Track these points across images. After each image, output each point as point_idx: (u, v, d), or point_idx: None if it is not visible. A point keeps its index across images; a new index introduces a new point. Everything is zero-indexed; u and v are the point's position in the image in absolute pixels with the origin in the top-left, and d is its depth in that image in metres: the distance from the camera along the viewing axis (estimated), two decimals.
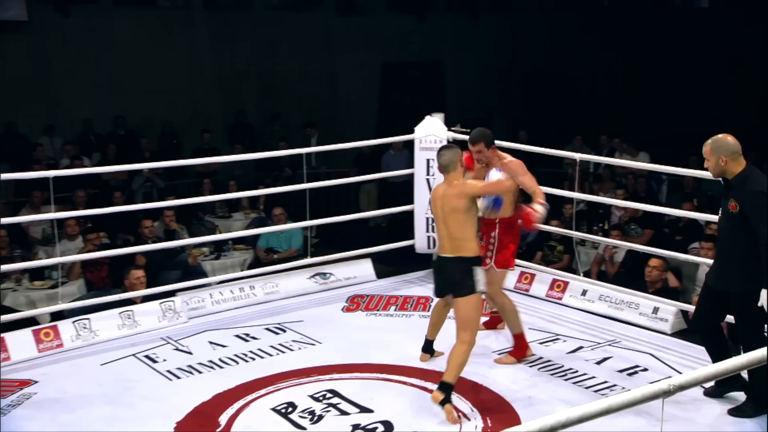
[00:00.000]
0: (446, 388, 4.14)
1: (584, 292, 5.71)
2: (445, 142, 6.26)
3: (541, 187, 6.02)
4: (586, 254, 7.94)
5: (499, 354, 4.93)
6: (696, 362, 4.72)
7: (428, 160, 6.27)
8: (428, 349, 4.89)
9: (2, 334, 5.01)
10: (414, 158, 6.41)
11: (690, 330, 4.96)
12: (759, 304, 3.89)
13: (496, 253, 4.82)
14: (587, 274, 7.50)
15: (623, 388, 4.46)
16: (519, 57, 15.74)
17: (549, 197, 6.62)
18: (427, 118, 6.43)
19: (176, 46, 12.84)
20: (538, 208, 4.66)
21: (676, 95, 16.32)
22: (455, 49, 15.50)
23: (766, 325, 4.04)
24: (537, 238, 7.96)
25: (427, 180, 6.30)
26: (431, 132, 6.29)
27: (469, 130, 6.65)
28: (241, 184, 9.34)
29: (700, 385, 4.21)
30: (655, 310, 5.35)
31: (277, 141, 11.05)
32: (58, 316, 5.68)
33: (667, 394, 2.21)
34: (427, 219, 6.33)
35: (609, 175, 10.07)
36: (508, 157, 5.01)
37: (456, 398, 4.36)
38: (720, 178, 4.04)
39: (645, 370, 4.71)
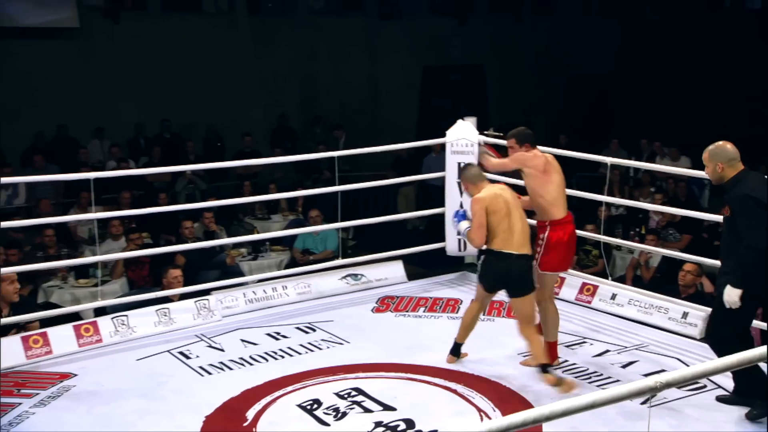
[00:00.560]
0: (544, 368, 4.53)
1: (613, 296, 5.71)
2: (476, 146, 6.33)
3: (578, 192, 6.10)
4: (622, 258, 7.91)
5: (524, 356, 4.96)
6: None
7: (459, 164, 6.30)
8: (456, 352, 4.95)
9: (45, 329, 5.24)
10: (445, 161, 6.46)
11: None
12: (724, 298, 3.97)
13: (542, 255, 4.78)
14: (622, 279, 7.49)
15: None
16: (562, 60, 15.67)
17: (583, 201, 6.69)
18: (459, 122, 6.48)
19: (221, 50, 13.12)
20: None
21: (724, 99, 16.05)
22: (497, 52, 15.50)
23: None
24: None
25: (458, 183, 6.33)
26: (463, 136, 6.35)
27: (502, 134, 6.72)
28: (280, 186, 9.51)
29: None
30: (685, 314, 5.33)
31: (317, 144, 11.20)
32: (101, 312, 5.91)
33: (653, 390, 2.25)
34: None
35: (649, 180, 9.99)
36: (550, 159, 4.93)
37: (479, 398, 4.43)
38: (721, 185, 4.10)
39: (700, 379, 4.68)
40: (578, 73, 15.85)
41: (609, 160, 6.19)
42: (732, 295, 3.95)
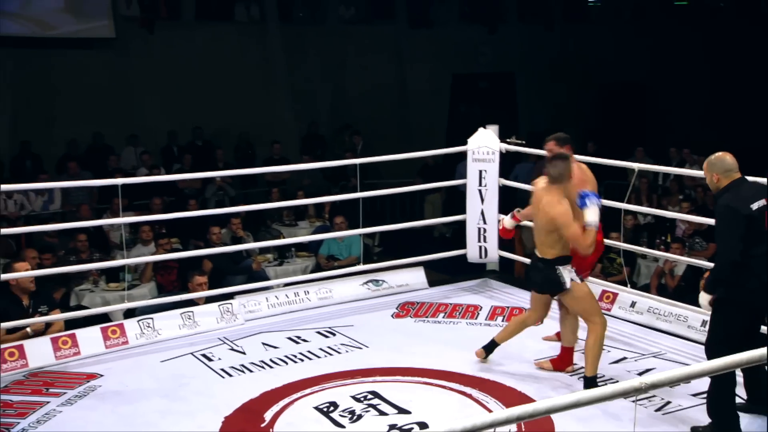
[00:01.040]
0: (589, 383, 4.48)
1: (633, 304, 5.71)
2: (497, 154, 6.38)
3: (605, 200, 6.07)
4: (647, 267, 7.89)
5: (539, 359, 4.99)
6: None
7: (480, 171, 6.38)
8: (490, 349, 4.97)
9: (74, 331, 5.41)
10: (467, 169, 6.51)
11: None
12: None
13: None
14: (647, 287, 7.47)
15: (662, 399, 4.48)
16: (592, 68, 15.61)
17: (610, 209, 6.68)
18: (481, 129, 6.53)
19: (252, 58, 13.34)
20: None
21: (756, 107, 15.84)
22: (527, 59, 15.50)
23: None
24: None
25: (479, 191, 6.41)
26: (484, 143, 6.40)
27: (524, 142, 6.78)
28: (308, 193, 9.64)
29: None
30: (704, 323, 5.28)
31: (345, 152, 11.32)
32: (130, 315, 6.07)
33: (638, 391, 2.30)
34: (479, 229, 6.45)
35: (677, 188, 9.92)
36: (584, 168, 4.97)
37: (493, 403, 4.48)
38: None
39: (687, 382, 4.69)
40: (609, 81, 15.77)
41: (636, 166, 6.15)
42: (702, 299, 4.07)
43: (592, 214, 4.45)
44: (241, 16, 13.51)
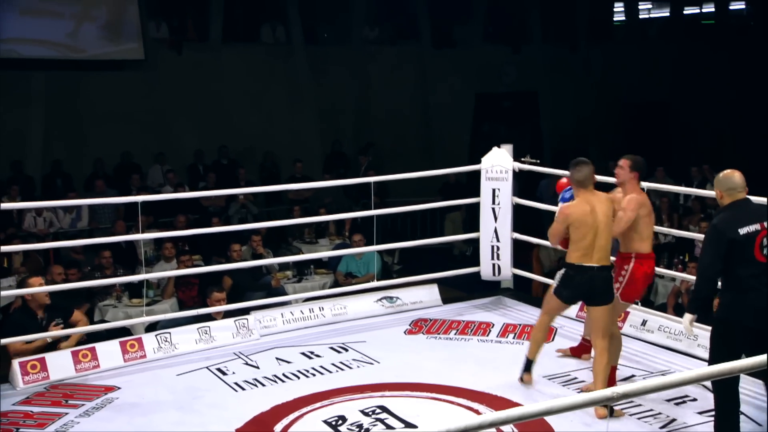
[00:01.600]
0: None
1: (644, 323, 5.73)
2: (510, 173, 6.46)
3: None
4: (664, 286, 7.87)
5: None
6: (745, 394, 4.70)
7: (494, 190, 6.46)
8: (529, 368, 4.98)
9: (94, 344, 5.57)
10: (481, 188, 6.59)
11: None
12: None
13: (624, 286, 4.85)
14: (664, 307, 7.46)
15: (667, 416, 4.51)
16: (617, 87, 15.63)
17: None
18: (495, 149, 6.61)
19: (278, 79, 13.57)
20: None
21: None
22: (551, 79, 15.57)
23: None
24: None
25: (492, 209, 6.48)
26: (497, 162, 6.48)
27: (538, 161, 6.84)
28: (330, 211, 9.79)
29: None
30: None
31: (367, 170, 11.46)
32: (151, 330, 6.23)
33: (610, 400, 2.36)
34: (492, 247, 6.51)
35: (699, 207, 9.89)
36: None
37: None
38: None
39: (694, 400, 4.71)
40: (633, 100, 15.78)
41: (647, 185, 6.15)
42: (684, 320, 4.20)
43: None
44: (267, 37, 13.76)
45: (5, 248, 7.17)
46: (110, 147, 11.96)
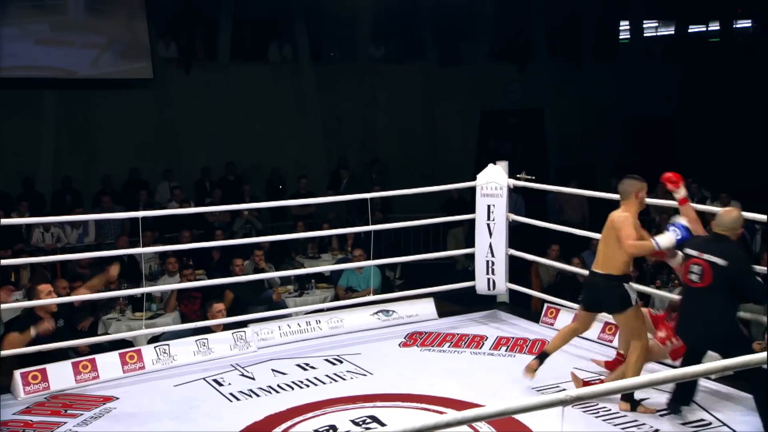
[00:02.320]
0: (627, 398, 4.76)
1: None
2: (505, 189, 6.56)
3: None
4: (661, 301, 7.91)
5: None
6: (727, 403, 4.77)
7: (489, 206, 6.56)
8: (542, 358, 5.14)
9: (94, 356, 5.70)
10: (476, 204, 6.69)
11: None
12: None
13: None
14: None
15: (651, 427, 4.58)
16: (623, 104, 15.72)
17: None
18: (490, 165, 6.72)
19: (285, 97, 13.79)
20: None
21: None
22: (557, 96, 15.70)
23: None
24: None
25: (488, 225, 6.58)
26: (492, 179, 6.58)
27: (533, 177, 6.94)
28: (333, 226, 9.90)
29: None
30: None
31: (372, 186, 11.59)
32: (154, 342, 6.35)
33: (563, 403, 2.45)
34: (487, 262, 6.61)
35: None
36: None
37: (486, 427, 4.62)
38: None
39: (679, 412, 4.78)
40: (639, 117, 15.86)
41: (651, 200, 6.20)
42: None
43: (664, 238, 4.74)
44: (274, 56, 13.98)
45: (9, 261, 7.32)
46: (119, 164, 12.18)
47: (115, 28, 12.09)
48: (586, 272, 5.58)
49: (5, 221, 7.70)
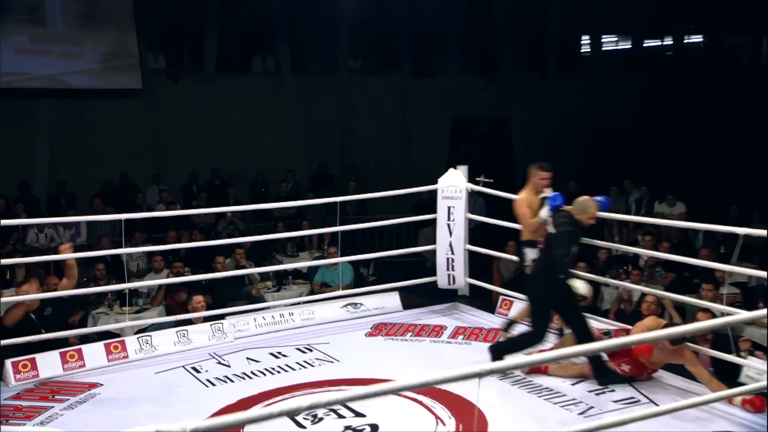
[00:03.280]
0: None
1: None
2: (464, 192, 6.73)
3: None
4: (609, 294, 8.12)
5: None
6: (664, 387, 4.95)
7: (449, 207, 6.72)
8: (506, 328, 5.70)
9: (81, 346, 5.81)
10: (438, 205, 6.84)
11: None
12: None
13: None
14: (607, 312, 7.70)
15: (586, 404, 4.75)
16: (584, 113, 15.94)
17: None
18: (451, 170, 6.89)
19: (268, 106, 13.90)
20: None
21: (741, 150, 16.05)
22: (523, 105, 15.91)
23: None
24: None
25: (448, 225, 6.74)
26: (452, 183, 6.75)
27: (492, 181, 7.10)
28: (313, 226, 10.00)
29: None
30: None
31: (347, 187, 11.74)
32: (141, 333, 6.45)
33: (479, 375, 2.60)
34: (448, 259, 6.77)
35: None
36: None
37: (440, 408, 4.77)
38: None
39: (612, 391, 4.96)
40: (600, 125, 16.09)
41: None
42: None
43: (544, 211, 5.42)
44: (258, 67, 14.08)
45: (5, 261, 7.39)
46: (111, 169, 12.24)
47: (106, 41, 12.15)
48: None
49: (12, 222, 7.78)
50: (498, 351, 5.18)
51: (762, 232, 4.95)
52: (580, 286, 5.04)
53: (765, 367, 4.69)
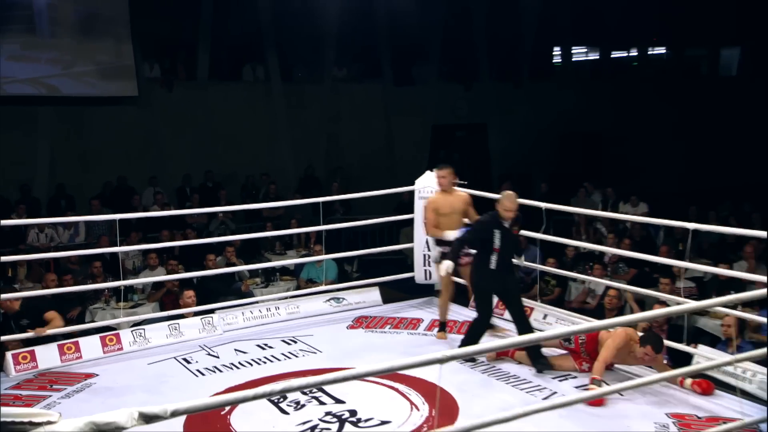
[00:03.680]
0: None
1: (545, 316, 6.08)
2: None
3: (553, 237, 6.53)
4: (576, 288, 8.23)
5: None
6: (621, 374, 5.04)
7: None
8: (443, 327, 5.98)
9: (78, 339, 5.82)
10: (415, 205, 6.92)
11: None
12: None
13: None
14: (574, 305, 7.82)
15: (550, 390, 4.84)
16: (555, 119, 16.07)
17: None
18: (427, 172, 6.95)
19: (258, 113, 13.91)
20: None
21: (701, 154, 16.25)
22: (498, 112, 16.00)
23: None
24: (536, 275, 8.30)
25: (424, 223, 6.79)
26: (428, 184, 6.82)
27: (466, 183, 7.18)
28: (300, 226, 10.04)
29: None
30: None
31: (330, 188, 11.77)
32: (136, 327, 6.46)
33: (441, 361, 2.67)
34: (424, 255, 6.84)
35: (608, 221, 10.26)
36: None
37: (414, 394, 4.84)
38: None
39: (575, 377, 5.05)
40: (570, 131, 16.22)
41: (544, 205, 6.45)
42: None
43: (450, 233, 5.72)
44: (248, 76, 14.10)
45: (7, 258, 7.39)
46: (109, 172, 12.20)
47: (104, 51, 12.14)
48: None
49: (3, 222, 7.76)
50: (462, 346, 5.20)
51: (710, 227, 5.08)
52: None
53: (712, 353, 4.79)
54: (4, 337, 5.45)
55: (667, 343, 5.28)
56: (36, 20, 11.69)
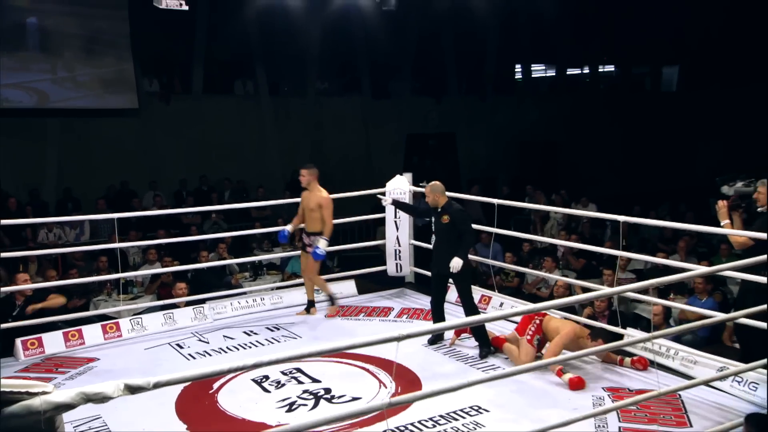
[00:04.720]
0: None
1: (501, 304, 6.19)
2: (408, 194, 6.89)
3: (514, 232, 6.58)
4: (532, 279, 8.34)
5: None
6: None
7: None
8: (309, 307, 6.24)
9: (81, 327, 5.84)
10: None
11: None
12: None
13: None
14: (529, 294, 7.93)
15: (502, 368, 4.94)
16: (517, 129, 16.25)
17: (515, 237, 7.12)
18: (397, 176, 7.04)
19: (248, 123, 13.92)
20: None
21: (646, 160, 16.52)
22: (466, 123, 16.15)
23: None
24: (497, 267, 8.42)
25: (395, 222, 6.90)
26: (398, 186, 6.91)
27: (425, 184, 7.24)
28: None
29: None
30: None
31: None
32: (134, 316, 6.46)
33: (398, 339, 2.75)
34: (395, 250, 6.93)
35: (567, 221, 10.43)
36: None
37: (383, 374, 4.92)
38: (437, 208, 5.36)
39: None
40: (530, 140, 16.41)
41: (497, 201, 6.54)
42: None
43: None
44: (239, 90, 14.11)
45: (18, 254, 7.36)
46: (112, 177, 12.16)
47: (107, 68, 12.11)
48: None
49: (12, 221, 7.76)
50: (477, 339, 5.33)
51: (637, 220, 5.80)
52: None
53: (641, 335, 4.92)
54: (6, 324, 5.46)
55: (605, 326, 5.41)
56: (47, 40, 11.67)
